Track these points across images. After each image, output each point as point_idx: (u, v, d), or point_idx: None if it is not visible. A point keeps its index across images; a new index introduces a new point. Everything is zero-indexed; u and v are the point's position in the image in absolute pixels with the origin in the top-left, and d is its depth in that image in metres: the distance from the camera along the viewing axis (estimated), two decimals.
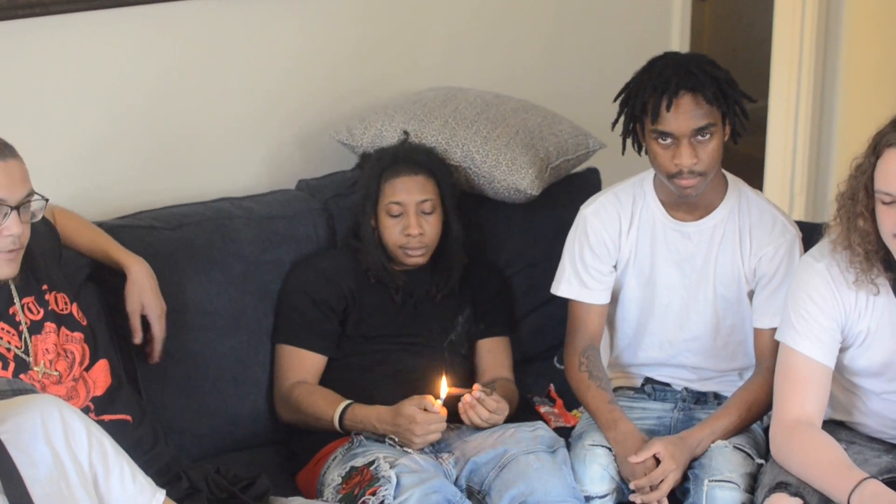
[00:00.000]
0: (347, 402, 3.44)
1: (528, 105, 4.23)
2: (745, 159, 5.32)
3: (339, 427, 3.41)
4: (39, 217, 2.89)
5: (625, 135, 3.44)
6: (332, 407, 3.44)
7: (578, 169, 4.26)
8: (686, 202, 3.44)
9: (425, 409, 3.28)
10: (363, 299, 3.64)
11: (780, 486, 3.05)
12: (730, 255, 3.48)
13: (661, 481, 3.26)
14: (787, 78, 5.30)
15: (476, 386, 3.40)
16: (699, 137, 3.28)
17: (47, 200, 2.87)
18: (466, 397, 3.37)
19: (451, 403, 3.35)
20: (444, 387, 3.32)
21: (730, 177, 3.53)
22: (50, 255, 3.11)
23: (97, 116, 3.75)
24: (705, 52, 3.96)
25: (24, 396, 2.23)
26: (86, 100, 3.72)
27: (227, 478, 3.06)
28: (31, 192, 2.82)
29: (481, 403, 3.37)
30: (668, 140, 3.28)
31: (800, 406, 3.11)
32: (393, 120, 4.02)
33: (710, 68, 3.32)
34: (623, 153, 3.48)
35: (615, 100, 3.43)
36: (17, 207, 2.78)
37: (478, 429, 3.42)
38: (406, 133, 3.90)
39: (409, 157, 3.72)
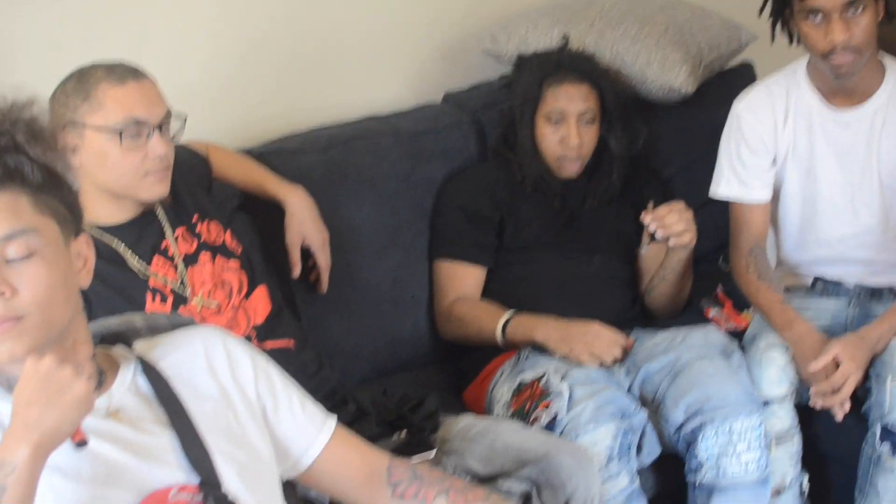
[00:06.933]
0: (512, 311, 3.39)
1: (674, 1, 4.13)
2: None
3: (501, 336, 3.37)
4: (181, 138, 2.88)
5: (773, 20, 3.34)
6: (496, 318, 3.40)
7: (731, 64, 4.16)
8: (843, 87, 3.32)
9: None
10: (519, 209, 3.59)
11: None
12: (892, 142, 3.36)
13: (843, 384, 3.17)
14: None
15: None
16: (850, 13, 3.16)
17: (185, 118, 2.84)
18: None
19: None
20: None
21: (888, 58, 3.41)
22: (198, 185, 3.10)
23: (234, 41, 3.72)
24: None
25: (185, 328, 2.20)
26: (222, 25, 3.70)
27: (394, 399, 3.04)
28: (169, 113, 2.80)
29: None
30: (819, 17, 3.17)
31: None
32: (537, 25, 3.94)
33: None
34: (772, 41, 3.39)
35: None
36: (159, 127, 2.76)
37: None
38: (566, 37, 3.81)
39: (572, 64, 3.64)
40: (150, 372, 2.03)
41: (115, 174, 2.78)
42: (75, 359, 1.91)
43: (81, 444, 1.84)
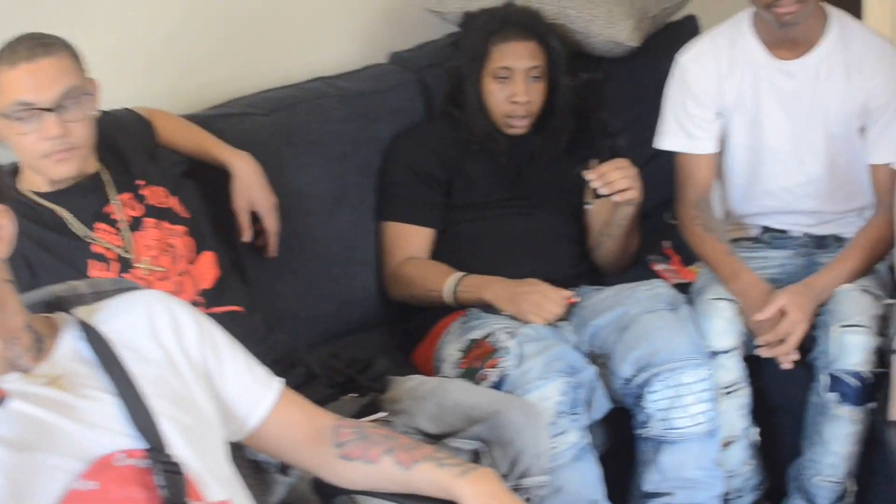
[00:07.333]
0: (461, 274, 3.38)
1: None
2: None
3: (453, 298, 3.36)
4: (94, 112, 2.82)
5: None
6: (444, 278, 3.39)
7: (676, 17, 4.17)
8: (787, 37, 3.33)
9: None
10: (467, 166, 3.58)
11: None
12: (837, 91, 3.37)
13: (789, 333, 3.18)
14: None
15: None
16: None
17: (90, 95, 2.78)
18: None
19: None
20: None
21: (830, 9, 3.42)
22: (142, 150, 3.07)
23: (175, 4, 3.67)
24: None
25: (129, 293, 2.17)
26: None
27: (343, 361, 3.02)
28: (74, 89, 2.74)
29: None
30: None
31: None
32: None
33: None
34: None
35: None
36: (53, 108, 2.71)
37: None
38: None
39: (518, 21, 3.62)
40: (93, 337, 2.00)
41: (19, 154, 2.78)
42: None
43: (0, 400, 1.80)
